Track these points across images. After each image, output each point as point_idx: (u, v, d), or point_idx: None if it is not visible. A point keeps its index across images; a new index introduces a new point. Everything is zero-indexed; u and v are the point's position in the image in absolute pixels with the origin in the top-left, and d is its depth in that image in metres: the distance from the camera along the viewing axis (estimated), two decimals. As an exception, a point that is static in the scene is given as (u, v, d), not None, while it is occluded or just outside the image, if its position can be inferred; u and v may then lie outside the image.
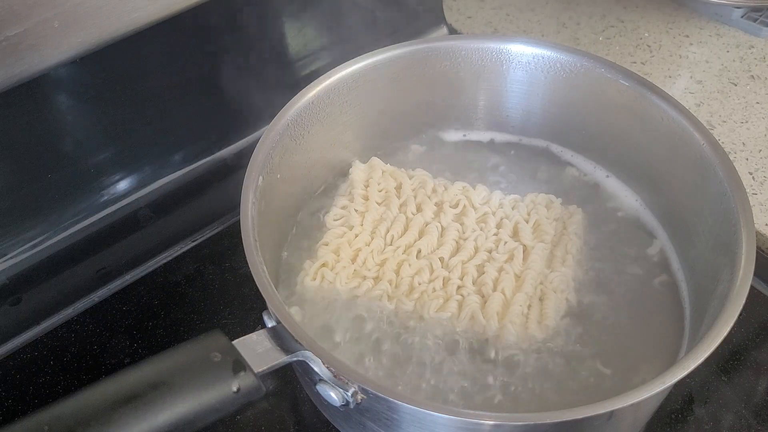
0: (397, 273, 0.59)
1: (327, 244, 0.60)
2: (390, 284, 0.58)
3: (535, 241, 0.61)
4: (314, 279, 0.59)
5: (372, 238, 0.61)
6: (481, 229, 0.62)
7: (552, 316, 0.56)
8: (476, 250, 0.60)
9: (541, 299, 0.57)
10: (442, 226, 0.62)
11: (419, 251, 0.60)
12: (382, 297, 0.57)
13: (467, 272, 0.59)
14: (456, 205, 0.63)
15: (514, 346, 0.55)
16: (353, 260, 0.60)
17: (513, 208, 0.63)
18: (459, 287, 0.58)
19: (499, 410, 0.51)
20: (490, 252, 0.60)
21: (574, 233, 0.62)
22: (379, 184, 0.65)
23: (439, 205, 0.63)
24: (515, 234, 0.62)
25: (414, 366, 0.54)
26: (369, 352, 0.55)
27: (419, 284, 0.58)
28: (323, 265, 0.59)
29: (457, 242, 0.61)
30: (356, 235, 0.61)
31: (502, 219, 0.62)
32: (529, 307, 0.57)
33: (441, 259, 0.60)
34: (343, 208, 0.63)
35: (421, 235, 0.61)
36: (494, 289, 0.57)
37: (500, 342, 0.55)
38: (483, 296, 0.57)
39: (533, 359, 0.54)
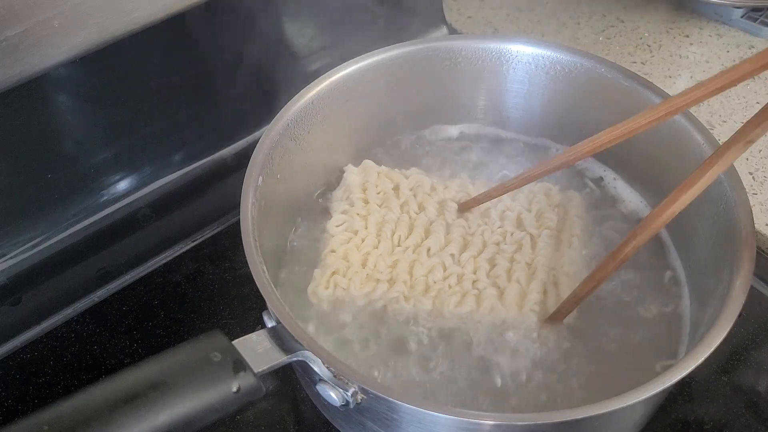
0: (410, 273, 0.59)
1: (334, 251, 0.60)
2: (405, 285, 0.58)
3: (540, 228, 0.61)
4: (327, 288, 0.58)
5: (379, 241, 0.61)
6: (485, 223, 0.62)
7: None
8: (484, 244, 0.60)
9: (555, 284, 0.58)
10: (447, 223, 0.62)
11: (428, 250, 0.60)
12: (399, 299, 0.57)
13: (479, 266, 0.59)
14: (458, 202, 0.63)
15: (535, 334, 0.55)
16: (363, 265, 0.59)
17: (513, 200, 0.63)
18: (474, 282, 0.58)
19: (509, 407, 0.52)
20: (498, 244, 0.60)
21: (576, 215, 0.62)
22: (376, 186, 0.64)
23: (441, 202, 0.63)
24: (519, 225, 0.62)
25: (435, 365, 0.54)
26: (390, 355, 0.55)
27: (434, 282, 0.58)
28: (334, 272, 0.58)
29: (464, 238, 0.61)
30: (362, 240, 0.60)
31: (504, 211, 0.63)
32: (545, 293, 0.57)
33: (452, 256, 0.59)
34: (344, 213, 0.63)
35: (427, 234, 0.61)
36: (509, 280, 0.58)
37: (522, 331, 0.55)
38: (499, 288, 0.57)
39: (555, 346, 0.55)
